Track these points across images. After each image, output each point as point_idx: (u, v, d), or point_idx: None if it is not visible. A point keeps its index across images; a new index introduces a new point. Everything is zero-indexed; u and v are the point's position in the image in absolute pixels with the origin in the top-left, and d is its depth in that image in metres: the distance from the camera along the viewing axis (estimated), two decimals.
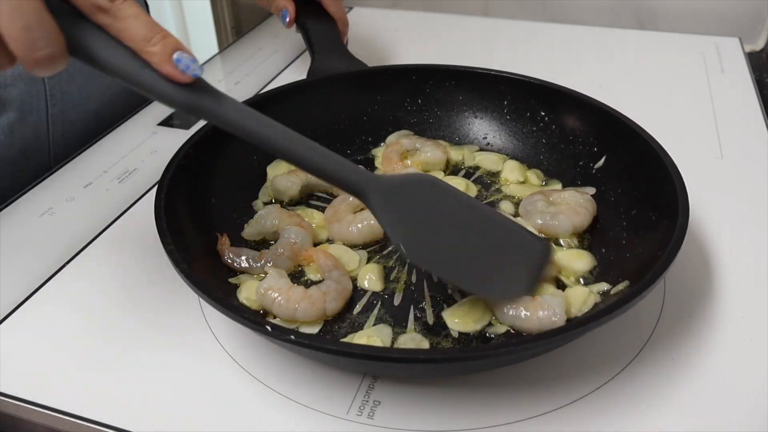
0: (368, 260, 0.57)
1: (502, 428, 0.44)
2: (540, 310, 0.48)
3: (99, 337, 0.52)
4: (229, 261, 0.55)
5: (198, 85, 0.43)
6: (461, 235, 0.50)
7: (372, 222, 0.57)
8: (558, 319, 0.47)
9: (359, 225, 0.58)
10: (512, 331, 0.49)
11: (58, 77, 0.74)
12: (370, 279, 0.54)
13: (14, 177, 0.72)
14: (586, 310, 0.50)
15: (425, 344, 0.49)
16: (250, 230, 0.58)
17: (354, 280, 0.55)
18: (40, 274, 0.58)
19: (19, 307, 0.55)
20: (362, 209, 0.59)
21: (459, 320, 0.50)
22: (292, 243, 0.56)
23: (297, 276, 0.55)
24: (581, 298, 0.51)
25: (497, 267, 0.50)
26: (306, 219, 0.60)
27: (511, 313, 0.49)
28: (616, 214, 0.58)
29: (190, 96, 0.42)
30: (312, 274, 0.55)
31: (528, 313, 0.48)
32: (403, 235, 0.48)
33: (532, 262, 0.51)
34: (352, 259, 0.56)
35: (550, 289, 0.51)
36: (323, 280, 0.53)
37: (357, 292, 0.54)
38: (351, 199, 0.59)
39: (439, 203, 0.50)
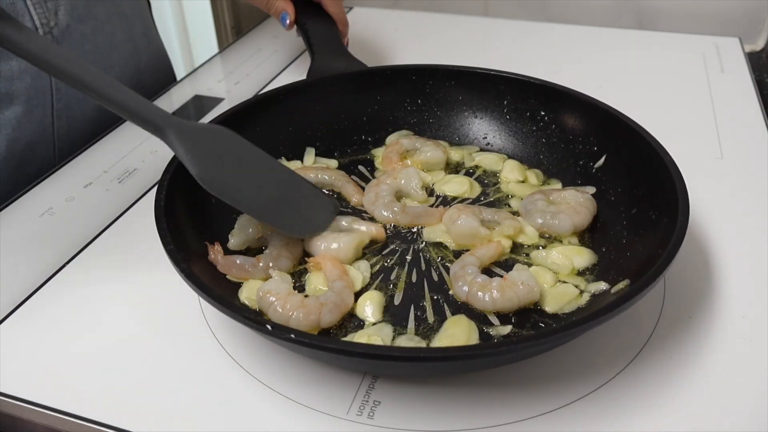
0: (370, 264, 0.57)
1: (502, 428, 0.44)
2: (515, 287, 0.50)
3: (99, 337, 0.52)
4: (225, 270, 0.54)
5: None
6: (258, 180, 0.56)
7: (340, 245, 0.55)
8: (536, 290, 0.51)
9: (333, 244, 0.56)
10: (512, 331, 0.49)
11: None
12: (370, 308, 0.51)
13: (20, 171, 0.73)
14: (568, 310, 0.51)
15: (422, 345, 0.48)
16: (235, 241, 0.57)
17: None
18: (40, 274, 0.58)
19: (19, 307, 0.55)
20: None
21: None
22: (286, 244, 0.56)
23: (300, 273, 0.55)
24: (567, 297, 0.51)
25: (290, 211, 0.57)
26: None
27: (487, 298, 0.50)
28: (617, 213, 0.58)
29: None
30: (317, 282, 0.54)
31: (505, 294, 0.50)
32: (198, 166, 0.52)
33: (321, 215, 0.59)
34: (355, 278, 0.54)
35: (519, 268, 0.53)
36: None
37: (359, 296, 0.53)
38: (343, 221, 0.58)
39: (237, 152, 0.56)
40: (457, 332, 0.49)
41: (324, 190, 0.64)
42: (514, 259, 0.56)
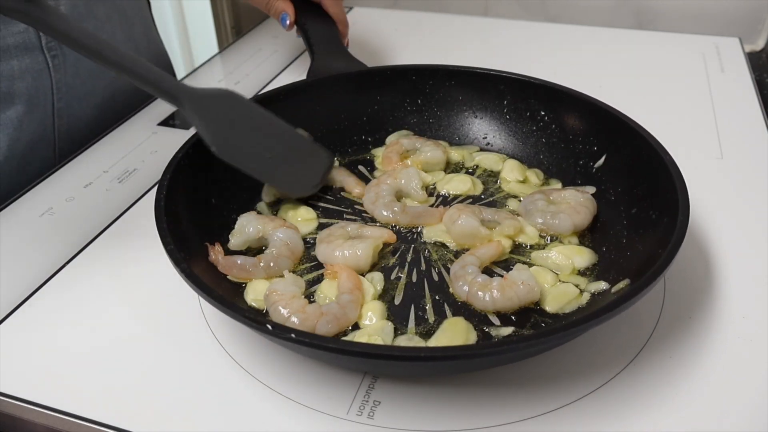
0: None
1: (502, 428, 0.44)
2: (515, 287, 0.50)
3: (99, 337, 0.52)
4: (226, 270, 0.54)
5: None
6: (263, 140, 0.60)
7: (359, 253, 0.54)
8: (536, 289, 0.51)
9: (346, 252, 0.55)
10: (514, 332, 0.49)
11: (63, 71, 0.74)
12: (372, 318, 0.50)
13: (21, 170, 0.73)
14: (568, 310, 0.51)
15: (421, 344, 0.48)
16: (235, 241, 0.57)
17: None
18: (40, 274, 0.58)
19: (19, 307, 0.55)
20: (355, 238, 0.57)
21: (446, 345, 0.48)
22: (286, 243, 0.56)
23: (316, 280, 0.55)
24: (567, 297, 0.51)
25: (290, 168, 0.62)
26: (287, 219, 0.60)
27: (487, 298, 0.50)
28: (617, 213, 0.58)
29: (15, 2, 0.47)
30: (328, 291, 0.53)
31: (505, 293, 0.50)
32: (213, 135, 0.56)
33: (317, 168, 0.64)
34: (367, 291, 0.53)
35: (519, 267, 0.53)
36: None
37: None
38: (349, 228, 0.58)
39: (244, 114, 0.60)
40: (456, 332, 0.49)
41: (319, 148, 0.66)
42: (514, 258, 0.56)
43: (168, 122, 0.80)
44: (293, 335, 0.41)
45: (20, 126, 0.72)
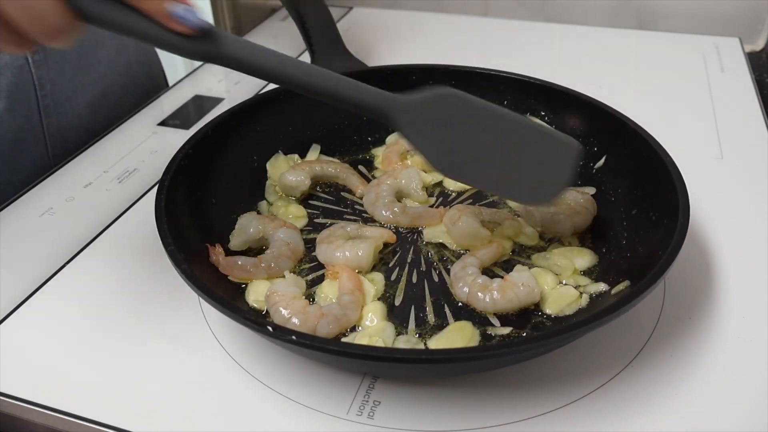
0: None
1: (502, 428, 0.44)
2: (515, 288, 0.50)
3: (99, 337, 0.52)
4: (226, 271, 0.54)
5: (203, 32, 0.43)
6: (490, 144, 0.50)
7: (360, 253, 0.54)
8: (536, 291, 0.50)
9: (347, 252, 0.54)
10: (512, 332, 0.49)
11: (46, 67, 0.73)
12: (373, 320, 0.51)
13: (10, 169, 0.72)
14: (568, 312, 0.51)
15: (420, 346, 0.48)
16: (236, 241, 0.57)
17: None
18: (40, 274, 0.58)
19: (19, 307, 0.55)
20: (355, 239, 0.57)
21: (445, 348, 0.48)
22: (287, 243, 0.56)
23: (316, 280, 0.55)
24: (567, 299, 0.51)
25: (528, 172, 0.51)
26: (285, 218, 0.60)
27: (487, 299, 0.50)
28: (617, 214, 0.58)
29: (196, 44, 0.43)
30: (329, 292, 0.53)
31: (505, 295, 0.50)
32: (436, 153, 0.49)
33: (562, 163, 0.51)
34: (368, 292, 0.53)
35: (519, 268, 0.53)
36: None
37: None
38: (349, 228, 0.58)
39: (465, 114, 0.49)
40: (460, 335, 0.49)
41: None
42: (514, 260, 0.57)
43: (168, 122, 0.80)
44: (294, 337, 0.41)
45: (1, 122, 0.71)
